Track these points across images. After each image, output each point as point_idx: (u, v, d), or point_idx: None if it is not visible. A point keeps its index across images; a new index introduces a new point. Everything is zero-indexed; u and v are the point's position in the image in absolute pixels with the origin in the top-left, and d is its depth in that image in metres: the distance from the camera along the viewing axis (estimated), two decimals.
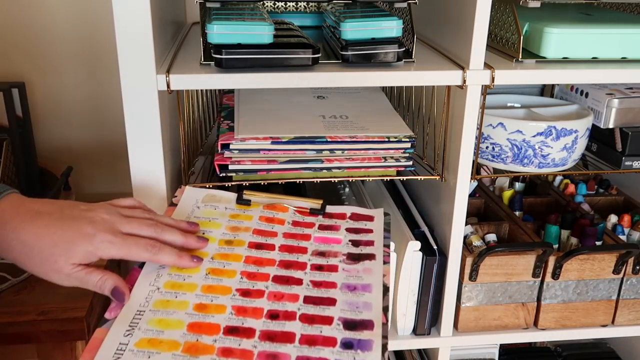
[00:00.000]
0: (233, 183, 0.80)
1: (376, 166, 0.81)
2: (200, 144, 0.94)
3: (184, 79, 0.71)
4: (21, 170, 1.05)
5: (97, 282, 0.56)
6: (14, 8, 1.12)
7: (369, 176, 0.82)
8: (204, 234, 0.66)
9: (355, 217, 0.72)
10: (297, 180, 0.80)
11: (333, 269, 0.62)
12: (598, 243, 0.92)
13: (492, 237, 0.94)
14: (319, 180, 0.80)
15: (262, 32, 0.71)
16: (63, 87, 1.18)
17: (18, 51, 1.15)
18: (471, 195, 1.04)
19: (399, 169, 0.82)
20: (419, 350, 1.03)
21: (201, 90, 0.94)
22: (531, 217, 1.01)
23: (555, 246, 0.93)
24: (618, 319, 0.92)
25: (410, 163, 0.82)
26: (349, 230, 0.69)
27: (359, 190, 1.03)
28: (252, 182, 0.80)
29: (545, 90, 1.09)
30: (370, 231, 0.69)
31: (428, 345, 0.91)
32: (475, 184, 1.07)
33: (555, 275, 0.87)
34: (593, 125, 0.90)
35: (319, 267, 0.62)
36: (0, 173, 0.99)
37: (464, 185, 0.81)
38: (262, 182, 0.80)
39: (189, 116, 0.83)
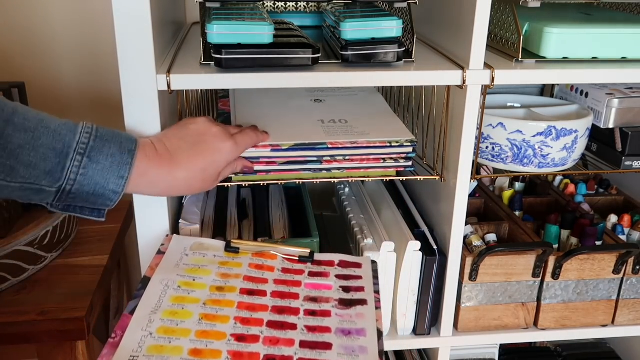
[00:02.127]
0: (233, 183, 0.80)
1: (376, 167, 0.81)
2: None
3: (184, 79, 0.71)
4: None
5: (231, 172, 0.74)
6: (14, 8, 1.12)
7: (368, 176, 0.82)
8: (194, 280, 0.66)
9: (343, 264, 0.72)
10: (297, 182, 0.80)
11: (326, 314, 0.62)
12: (598, 243, 0.92)
13: (492, 237, 0.94)
14: (318, 181, 0.80)
15: (262, 32, 0.71)
16: (63, 87, 1.18)
17: (18, 51, 1.15)
18: (471, 195, 1.04)
19: (399, 169, 0.82)
20: (419, 350, 1.03)
21: (201, 91, 0.94)
22: (531, 217, 1.01)
23: (555, 246, 0.93)
24: (618, 319, 0.92)
25: (410, 163, 0.82)
26: (338, 276, 0.70)
27: (359, 191, 1.03)
28: (251, 182, 0.79)
29: (545, 90, 1.09)
30: (359, 277, 0.70)
31: (428, 345, 0.91)
32: (475, 184, 1.08)
33: (555, 275, 0.88)
34: (593, 125, 0.90)
35: (312, 313, 0.62)
36: None
37: (464, 185, 0.81)
38: (262, 183, 0.80)
39: (189, 116, 0.83)
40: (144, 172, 0.62)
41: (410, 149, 0.79)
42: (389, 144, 0.78)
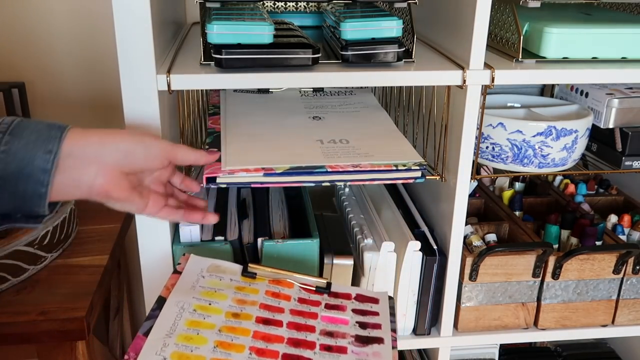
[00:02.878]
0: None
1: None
2: (200, 144, 0.94)
3: (184, 79, 0.71)
4: None
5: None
6: (14, 8, 1.12)
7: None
8: (210, 304, 0.64)
9: (360, 298, 0.71)
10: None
11: (342, 350, 0.61)
12: (598, 243, 0.92)
13: (492, 237, 0.94)
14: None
15: (262, 32, 0.71)
16: (63, 87, 1.18)
17: (18, 51, 1.15)
18: (471, 195, 1.04)
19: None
20: (419, 350, 1.03)
21: (201, 90, 0.94)
22: (531, 217, 1.01)
23: (555, 246, 0.93)
24: (618, 319, 0.92)
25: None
26: (355, 311, 0.68)
27: (359, 191, 1.03)
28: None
29: (545, 90, 1.09)
30: (376, 314, 0.68)
31: (428, 345, 0.91)
32: (475, 184, 1.08)
33: (555, 275, 0.88)
34: (593, 125, 0.90)
35: (328, 348, 0.61)
36: None
37: (464, 185, 0.81)
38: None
39: (189, 116, 0.83)
40: (71, 152, 0.57)
41: (418, 174, 0.74)
42: (395, 168, 0.73)
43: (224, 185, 0.71)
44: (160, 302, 0.64)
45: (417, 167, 0.73)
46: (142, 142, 0.62)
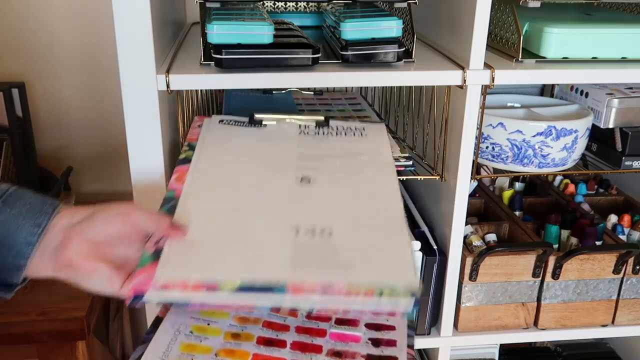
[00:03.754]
0: None
1: None
2: None
3: (183, 79, 0.71)
4: (21, 170, 1.05)
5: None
6: (14, 8, 1.12)
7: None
8: (209, 325, 0.60)
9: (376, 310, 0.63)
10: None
11: None
12: (598, 243, 0.92)
13: (492, 237, 0.94)
14: None
15: (262, 32, 0.71)
16: (63, 88, 1.18)
17: (18, 51, 1.15)
18: (471, 195, 1.04)
19: (399, 168, 0.82)
20: (419, 350, 1.03)
21: (201, 90, 0.94)
22: (531, 217, 1.01)
23: (555, 246, 0.93)
24: (618, 319, 0.92)
25: (411, 163, 0.82)
26: (368, 326, 0.62)
27: None
28: None
29: (545, 90, 1.09)
30: (392, 328, 0.62)
31: (428, 345, 0.91)
32: (475, 184, 1.07)
33: (555, 275, 0.88)
34: (593, 125, 0.90)
35: None
36: (0, 173, 0.99)
37: (464, 185, 0.81)
38: None
39: (189, 116, 0.83)
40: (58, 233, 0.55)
41: (408, 305, 0.52)
42: (379, 294, 0.52)
43: (155, 304, 0.54)
44: (156, 323, 0.59)
45: (406, 298, 0.52)
46: (103, 205, 0.57)
